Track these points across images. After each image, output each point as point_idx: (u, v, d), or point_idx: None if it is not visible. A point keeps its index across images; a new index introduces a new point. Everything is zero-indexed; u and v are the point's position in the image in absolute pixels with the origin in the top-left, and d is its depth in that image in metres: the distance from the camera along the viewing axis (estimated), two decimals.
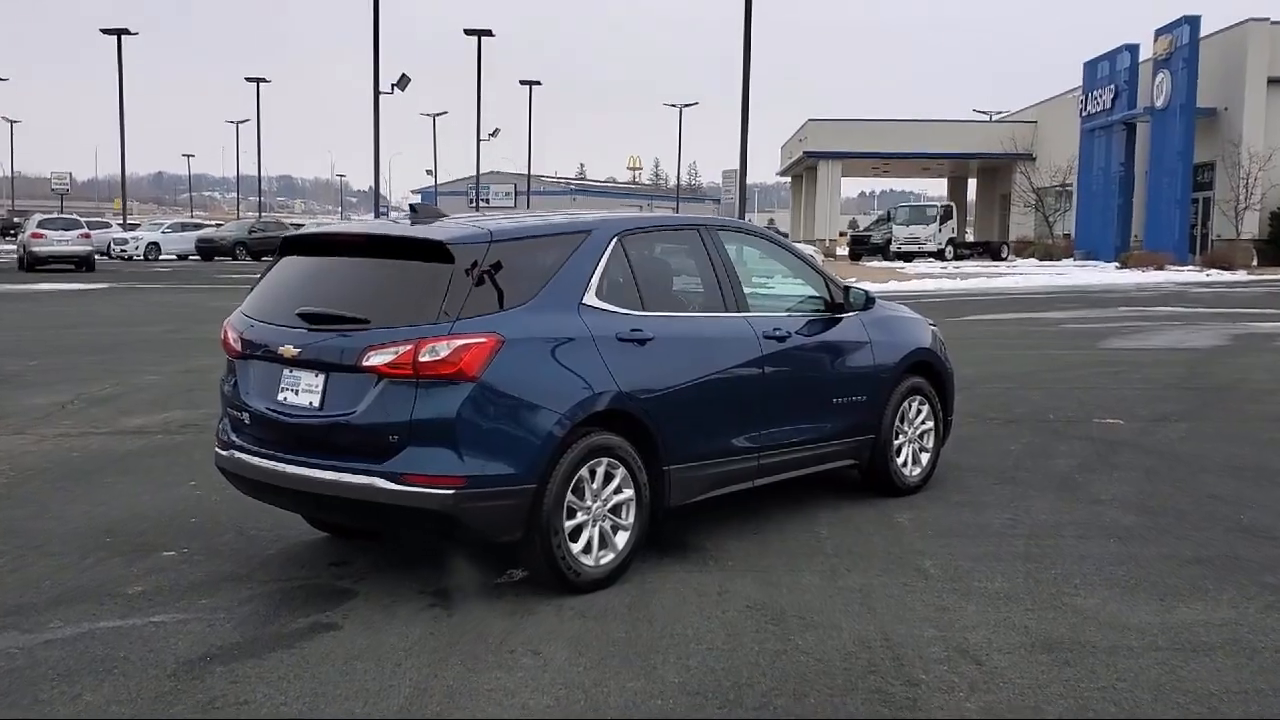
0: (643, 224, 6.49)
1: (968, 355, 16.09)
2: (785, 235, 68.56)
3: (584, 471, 5.70)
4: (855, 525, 7.07)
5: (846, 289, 7.37)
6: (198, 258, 53.38)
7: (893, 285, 33.74)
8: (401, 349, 5.28)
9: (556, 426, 5.51)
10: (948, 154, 66.21)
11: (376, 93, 39.78)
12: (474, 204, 71.98)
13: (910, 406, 7.82)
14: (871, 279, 37.21)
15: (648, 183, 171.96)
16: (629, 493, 5.93)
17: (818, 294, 7.40)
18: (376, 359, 5.32)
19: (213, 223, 66.47)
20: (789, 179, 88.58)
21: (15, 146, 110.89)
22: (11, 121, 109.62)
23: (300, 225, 46.14)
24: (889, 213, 62.22)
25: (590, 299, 5.87)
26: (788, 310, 7.33)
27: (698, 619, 5.43)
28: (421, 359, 5.25)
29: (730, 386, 6.47)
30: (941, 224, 57.00)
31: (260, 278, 6.21)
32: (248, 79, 76.75)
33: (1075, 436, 10.03)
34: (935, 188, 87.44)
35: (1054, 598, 5.75)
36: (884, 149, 65.40)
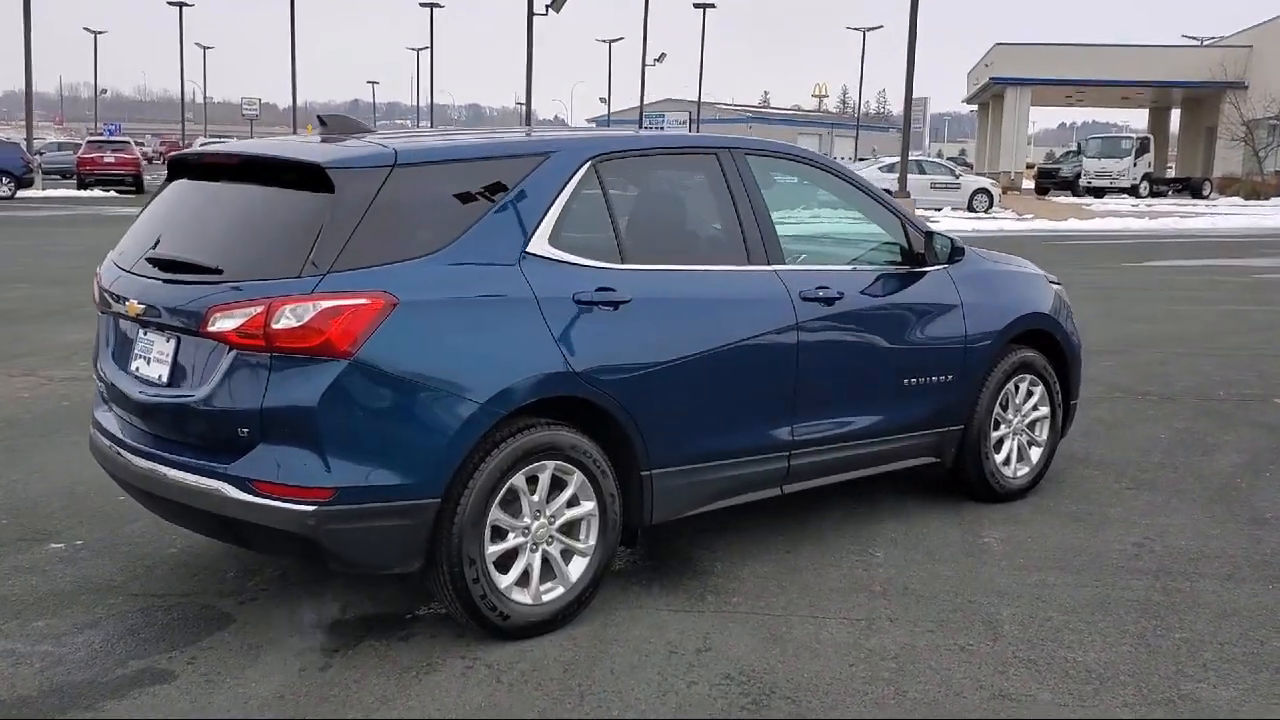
0: (631, 146, 4.90)
1: (1134, 309, 13.99)
2: (969, 167, 65.15)
3: (518, 480, 4.22)
4: (924, 546, 5.41)
5: (929, 235, 5.63)
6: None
7: (1072, 223, 31.05)
8: (252, 311, 3.86)
9: (473, 420, 4.03)
10: (1146, 81, 61.36)
11: (530, 14, 38.51)
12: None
13: (1016, 389, 6.07)
14: (1051, 215, 34.50)
15: (834, 111, 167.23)
16: (588, 506, 4.43)
17: (891, 241, 5.69)
18: (223, 323, 3.91)
19: None
20: (976, 107, 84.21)
21: (208, 72, 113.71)
22: (204, 47, 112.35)
23: None
24: (1080, 145, 58.35)
25: (539, 246, 4.34)
26: (851, 263, 5.65)
27: (652, 695, 3.93)
28: (274, 326, 3.83)
29: (748, 364, 4.87)
30: (1137, 158, 52.97)
31: (141, 211, 4.86)
32: (421, 4, 76.27)
33: (1248, 423, 8.05)
34: (1137, 119, 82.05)
35: (1170, 683, 4.06)
36: (1077, 75, 61.10)
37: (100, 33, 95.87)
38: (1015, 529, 5.67)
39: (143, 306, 4.26)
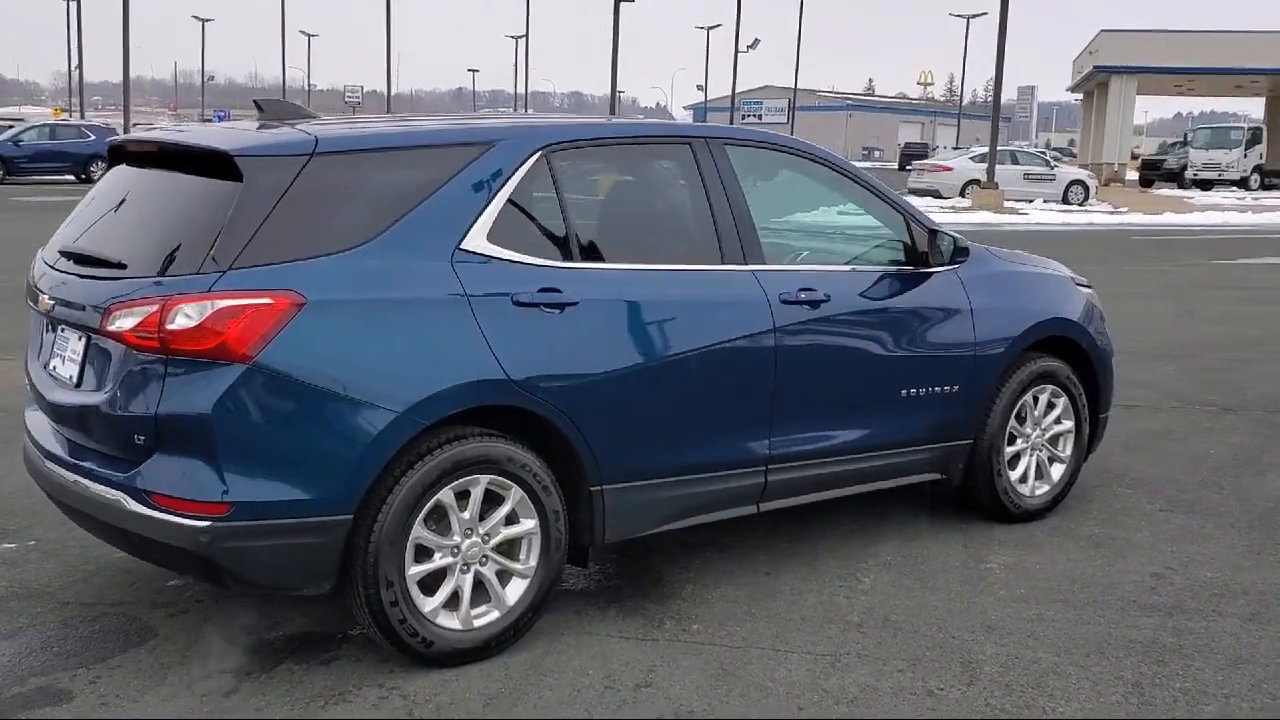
0: (590, 135, 4.53)
1: (1210, 310, 13.28)
2: (1073, 157, 63.33)
3: (445, 495, 3.90)
4: (919, 572, 4.98)
5: (933, 232, 5.17)
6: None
7: (1168, 217, 29.92)
8: (147, 310, 3.59)
9: (389, 431, 3.72)
10: (1260, 69, 59.08)
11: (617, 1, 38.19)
12: (732, 120, 69.81)
13: (1035, 400, 5.60)
14: (1147, 208, 33.34)
15: (940, 98, 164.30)
16: (529, 524, 4.10)
17: (895, 239, 5.25)
18: (121, 322, 3.65)
19: None
20: (1080, 97, 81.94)
21: (314, 59, 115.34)
22: (309, 35, 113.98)
23: None
24: (1186, 135, 56.38)
25: (475, 242, 4.01)
26: (850, 263, 5.23)
27: None
28: (169, 326, 3.55)
29: (717, 372, 4.49)
30: (1247, 149, 50.98)
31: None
32: None
33: None
34: (1256, 108, 79.05)
35: None
36: (1185, 63, 59.00)
37: (208, 20, 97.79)
38: (1024, 554, 5.21)
39: (52, 302, 4.02)
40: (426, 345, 3.83)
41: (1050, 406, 5.68)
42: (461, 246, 3.97)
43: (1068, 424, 5.74)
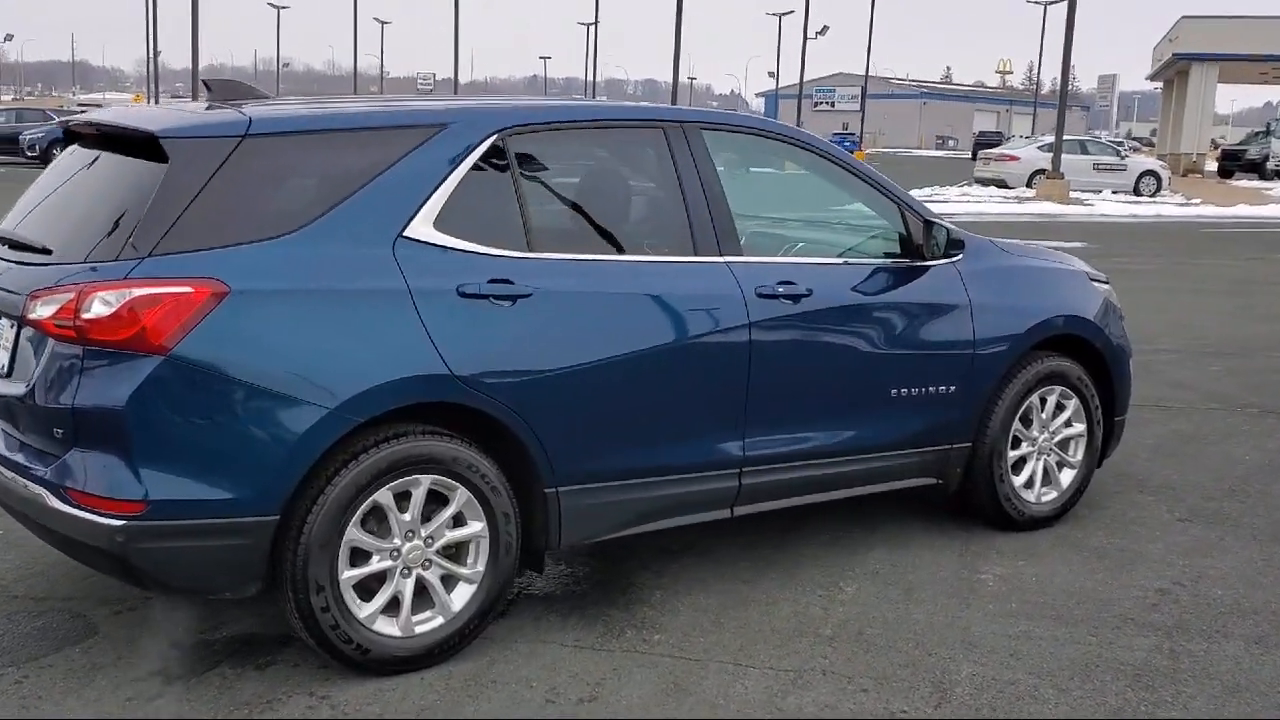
0: (552, 118, 4.31)
1: (1269, 307, 12.79)
2: (1151, 147, 61.91)
3: (383, 496, 3.72)
4: (906, 582, 4.72)
5: (928, 224, 4.89)
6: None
7: (1240, 209, 29.05)
8: (65, 298, 3.44)
9: (319, 428, 3.55)
10: None
11: None
12: (799, 108, 69.01)
13: (1043, 402, 5.30)
14: (1220, 200, 32.42)
15: (1020, 87, 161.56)
16: (476, 527, 3.91)
17: (890, 231, 4.98)
18: (41, 309, 3.51)
19: None
20: (1160, 85, 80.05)
21: (386, 47, 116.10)
22: (382, 22, 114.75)
23: None
24: (1270, 125, 54.83)
25: (420, 229, 3.81)
26: (841, 255, 4.98)
27: None
28: (85, 315, 3.40)
29: (684, 369, 4.27)
30: None
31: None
32: None
33: None
34: None
35: None
36: (1270, 50, 57.31)
37: (283, 7, 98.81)
38: (1023, 565, 4.93)
39: None
40: (361, 338, 3.64)
41: (1060, 409, 5.38)
42: (405, 234, 3.78)
43: (1079, 427, 5.43)
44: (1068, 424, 5.41)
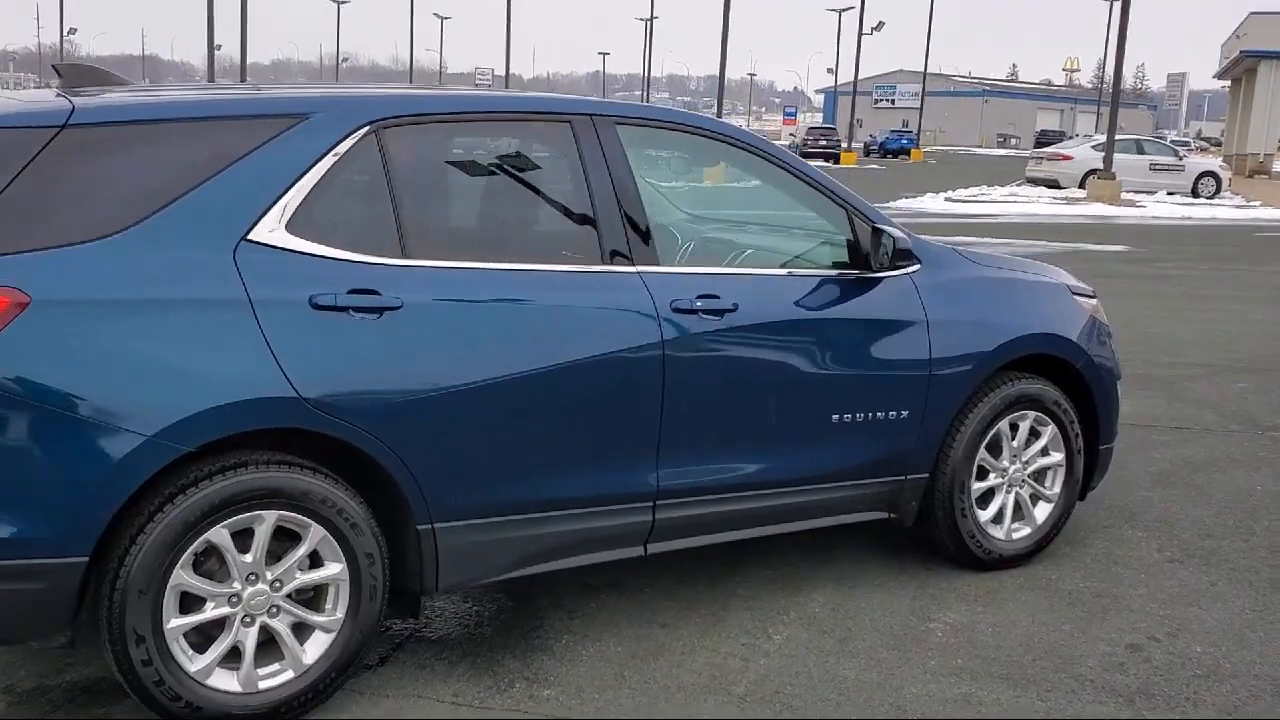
0: (435, 109, 3.85)
1: None
2: (1219, 147, 60.37)
3: (218, 535, 3.30)
4: (843, 630, 4.24)
5: (875, 231, 4.37)
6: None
7: None
8: None
9: (135, 458, 3.14)
10: None
11: None
12: (854, 104, 68.01)
13: (1014, 428, 4.78)
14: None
15: (1088, 86, 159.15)
16: (335, 569, 3.48)
17: (839, 238, 4.49)
18: None
19: None
20: (1228, 83, 78.09)
21: (449, 42, 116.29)
22: (441, 18, 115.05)
23: None
24: None
25: (269, 233, 3.39)
26: (786, 265, 4.50)
27: None
28: None
29: (585, 391, 3.81)
30: None
31: None
32: None
33: None
34: None
35: None
36: None
37: (344, 2, 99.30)
38: (982, 611, 4.42)
39: None
40: (189, 355, 3.23)
41: (1034, 436, 4.86)
42: (249, 237, 3.35)
43: (1056, 456, 4.90)
44: (1043, 453, 4.89)
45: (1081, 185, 31.53)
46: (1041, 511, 4.92)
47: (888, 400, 4.41)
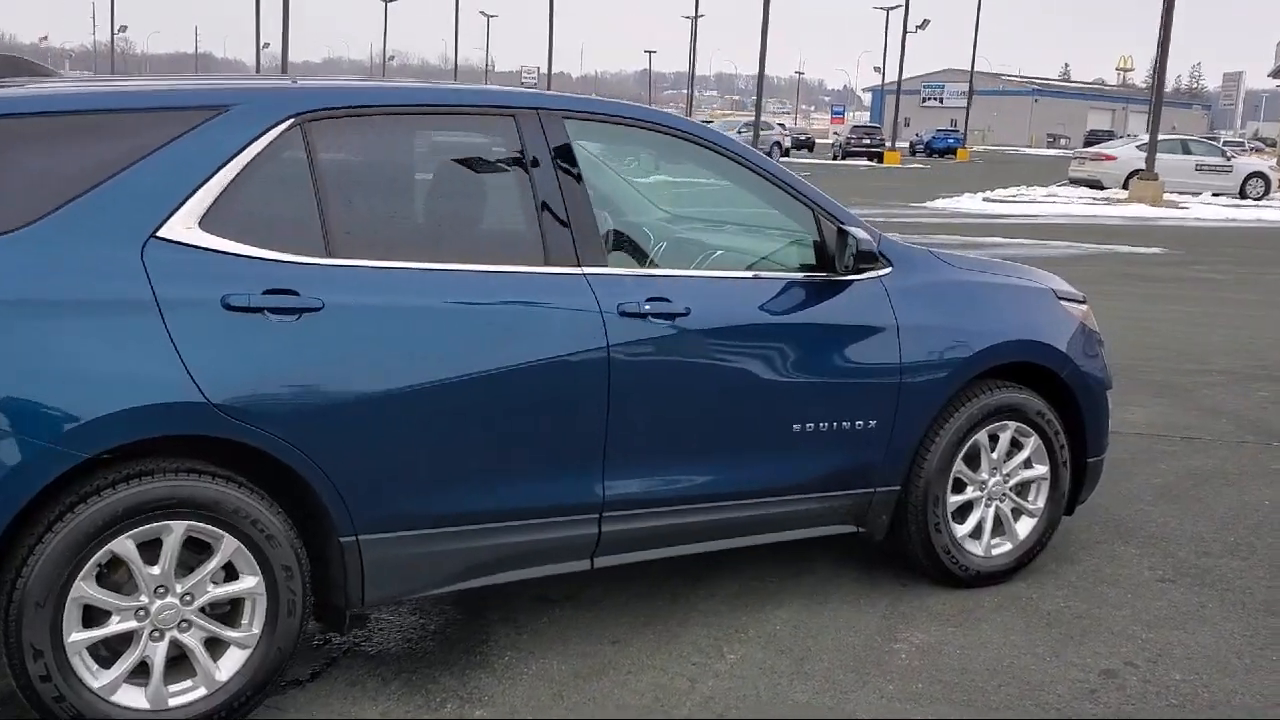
0: (367, 101, 3.68)
1: None
2: (1273, 147, 59.51)
3: (122, 545, 3.16)
4: (802, 649, 4.04)
5: (840, 232, 4.16)
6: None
7: None
8: None
9: (28, 466, 3.02)
10: None
11: None
12: (898, 103, 67.44)
13: (994, 440, 4.56)
14: None
15: (1141, 85, 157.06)
16: (250, 582, 3.33)
17: (805, 239, 4.29)
18: None
19: None
20: None
21: (498, 41, 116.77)
22: (488, 16, 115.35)
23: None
24: None
25: (181, 230, 3.25)
26: (751, 267, 4.31)
27: None
28: None
29: (524, 397, 3.65)
30: None
31: None
32: None
33: None
34: None
35: None
36: None
37: (392, 0, 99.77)
38: (953, 632, 4.21)
39: None
40: (90, 358, 3.09)
41: (1016, 447, 4.63)
42: (159, 234, 3.21)
43: (1040, 469, 4.68)
44: (1026, 465, 4.67)
45: (1125, 186, 30.98)
46: (1024, 526, 4.69)
47: (854, 409, 4.21)
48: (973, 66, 76.57)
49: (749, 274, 4.20)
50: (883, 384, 4.24)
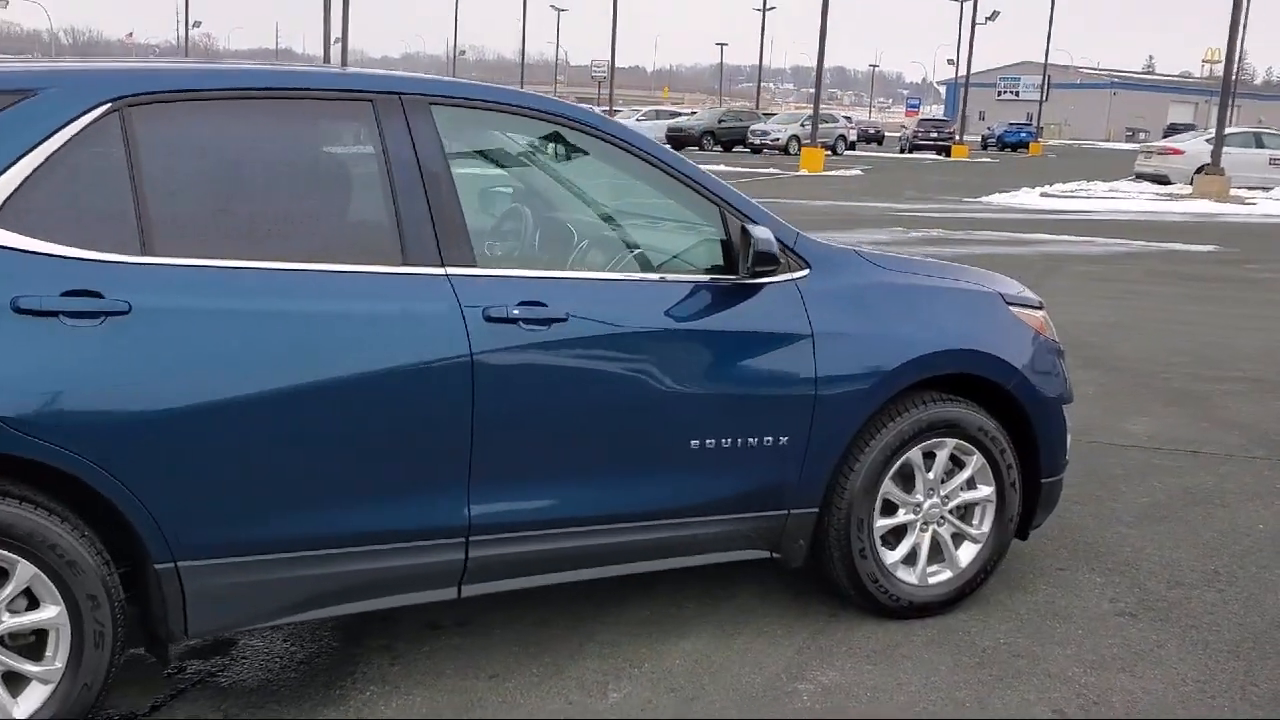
0: (200, 85, 3.36)
1: None
2: None
3: None
4: (693, 688, 3.69)
5: (744, 231, 3.77)
6: (668, 147, 52.37)
7: None
8: None
9: None
10: None
11: None
12: (965, 95, 66.26)
13: (929, 458, 4.16)
14: None
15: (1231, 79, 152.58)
16: (51, 613, 3.05)
17: (713, 238, 3.92)
18: None
19: (686, 111, 65.69)
20: None
21: (567, 35, 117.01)
22: (558, 10, 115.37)
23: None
24: None
25: None
26: (659, 269, 3.95)
27: None
28: None
29: (371, 410, 3.32)
30: None
31: None
32: None
33: None
34: None
35: None
36: None
37: None
38: (870, 670, 3.82)
39: None
40: None
41: (957, 466, 4.23)
42: None
43: (985, 490, 4.27)
44: (969, 486, 4.26)
45: (1193, 181, 29.98)
46: (966, 553, 4.28)
47: (761, 424, 3.83)
48: (1046, 59, 75.12)
49: (644, 276, 3.85)
50: (795, 396, 3.86)
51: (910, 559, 4.20)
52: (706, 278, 3.84)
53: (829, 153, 45.22)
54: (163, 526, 3.11)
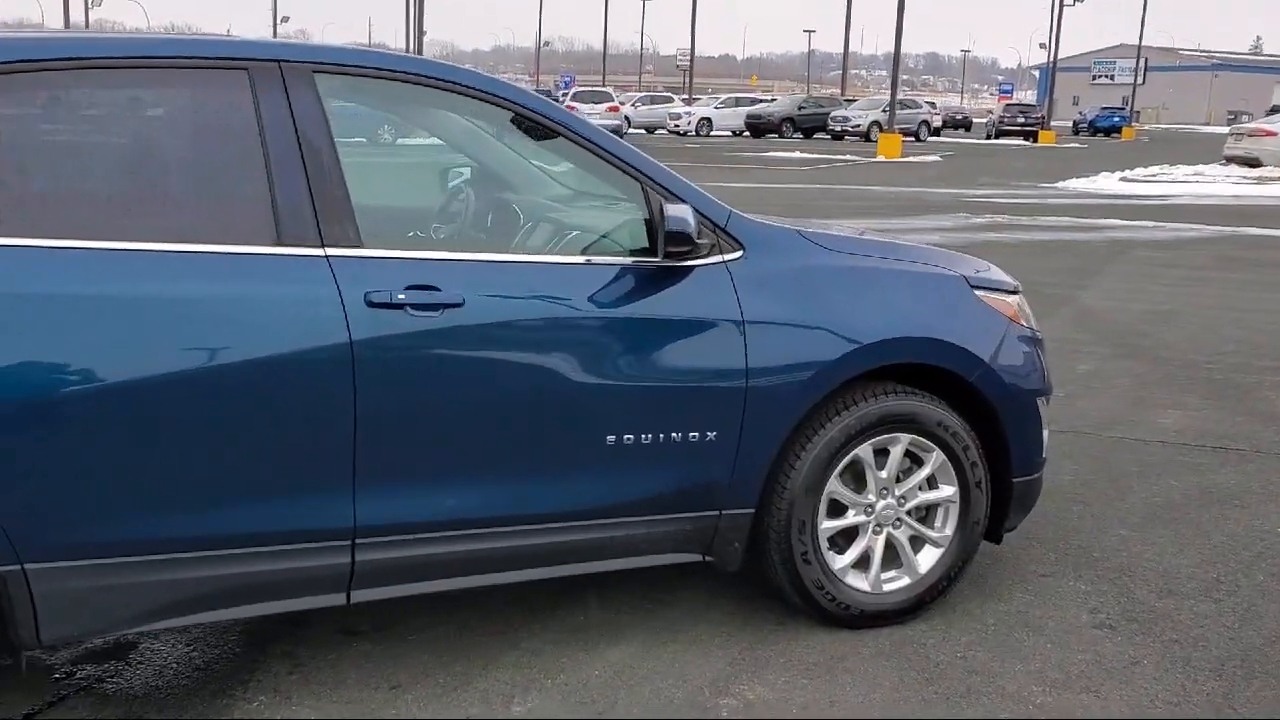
0: (59, 54, 3.12)
1: None
2: None
3: None
4: (605, 702, 3.42)
5: (661, 210, 3.46)
6: (748, 134, 52.23)
7: None
8: None
9: None
10: None
11: None
12: (1052, 80, 64.72)
13: (881, 455, 3.83)
14: None
15: None
16: None
17: (635, 217, 3.62)
18: None
19: (767, 98, 65.14)
20: None
21: (652, 24, 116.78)
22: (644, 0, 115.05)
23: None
24: None
25: None
26: (572, 254, 3.67)
27: None
28: None
29: (243, 402, 3.09)
30: None
31: None
32: None
33: None
34: None
35: None
36: None
37: None
38: (805, 685, 3.52)
39: None
40: None
41: (915, 464, 3.89)
42: None
43: (947, 490, 3.93)
44: (929, 485, 3.92)
45: None
46: (927, 558, 3.95)
47: (685, 418, 3.54)
48: (1140, 40, 73.29)
49: (552, 259, 3.58)
50: (723, 388, 3.56)
51: (863, 564, 3.88)
52: (629, 260, 3.56)
53: (912, 139, 44.49)
54: (6, 527, 2.91)
